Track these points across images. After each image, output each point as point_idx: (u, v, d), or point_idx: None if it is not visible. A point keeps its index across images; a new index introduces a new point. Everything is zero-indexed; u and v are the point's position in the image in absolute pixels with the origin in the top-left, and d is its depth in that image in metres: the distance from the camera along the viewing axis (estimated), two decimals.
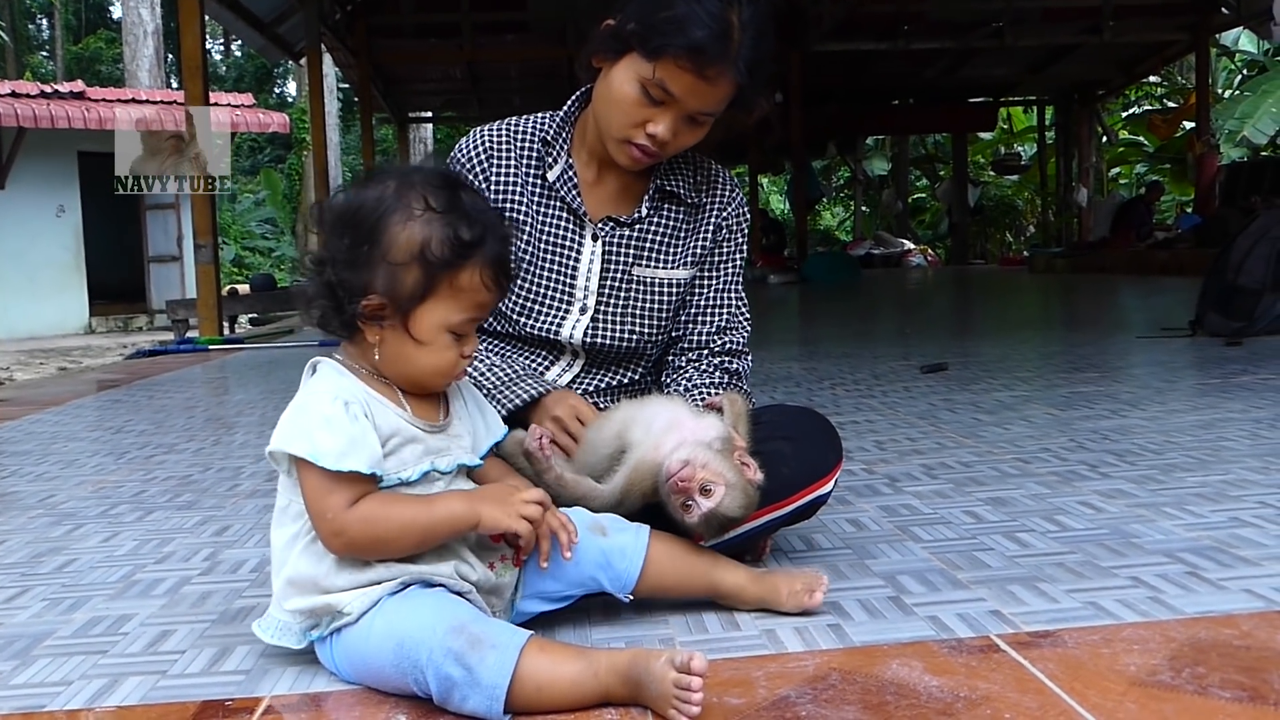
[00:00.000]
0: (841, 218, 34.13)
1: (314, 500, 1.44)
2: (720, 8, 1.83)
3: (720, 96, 1.88)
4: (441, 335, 1.49)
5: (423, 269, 1.45)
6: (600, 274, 2.04)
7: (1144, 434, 3.09)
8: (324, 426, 1.43)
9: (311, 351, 7.11)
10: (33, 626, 1.81)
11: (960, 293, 13.83)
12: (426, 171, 1.53)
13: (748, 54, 1.85)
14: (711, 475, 1.64)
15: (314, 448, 1.41)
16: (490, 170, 2.04)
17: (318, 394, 1.47)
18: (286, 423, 1.45)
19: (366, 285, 1.45)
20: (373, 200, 1.48)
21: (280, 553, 1.52)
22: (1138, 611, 1.62)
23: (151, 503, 2.75)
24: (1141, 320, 7.75)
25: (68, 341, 17.00)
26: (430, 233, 1.46)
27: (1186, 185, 22.82)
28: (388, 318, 1.47)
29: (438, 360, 1.51)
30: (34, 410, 4.69)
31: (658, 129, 1.88)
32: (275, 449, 1.45)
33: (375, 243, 1.45)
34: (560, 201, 2.04)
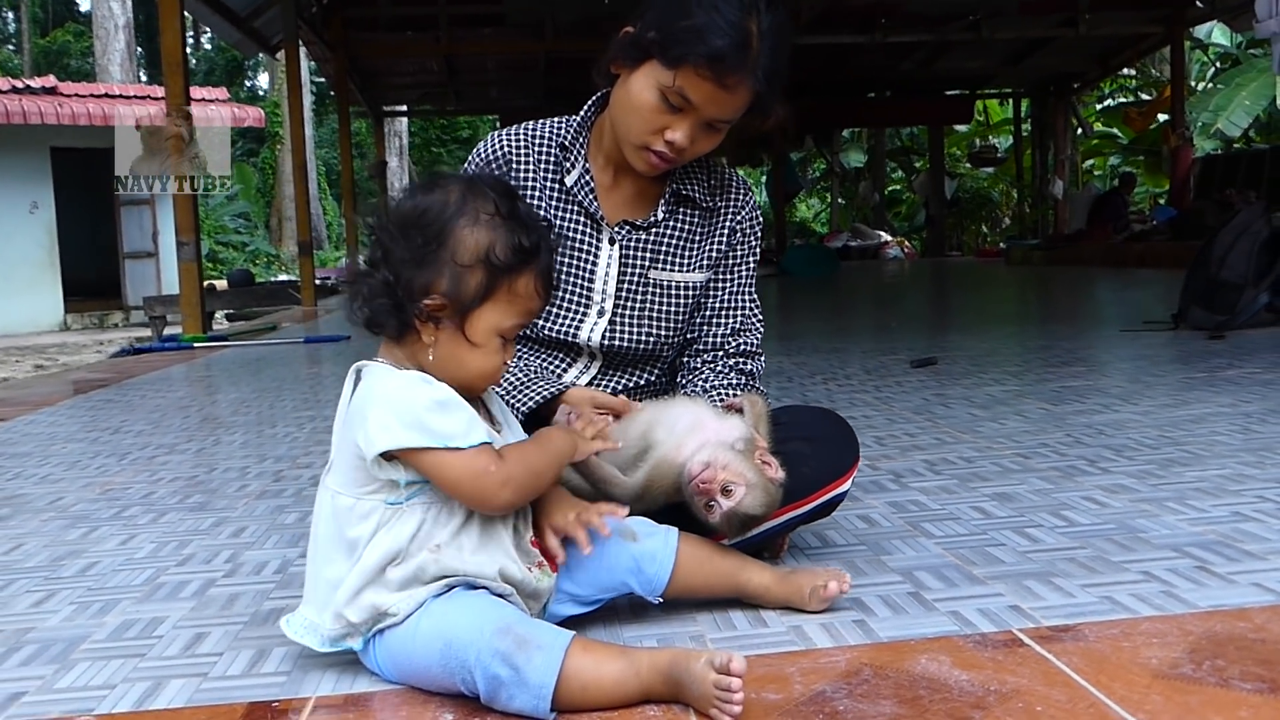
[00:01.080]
0: (818, 209, 34.25)
1: (463, 471, 1.47)
2: (739, 16, 1.86)
3: (738, 104, 1.92)
4: (493, 339, 1.54)
5: (486, 272, 1.50)
6: (617, 277, 2.08)
7: (1138, 428, 3.15)
8: (440, 411, 1.46)
9: (297, 349, 7.13)
10: (66, 630, 1.84)
11: (940, 286, 13.93)
12: (489, 179, 1.58)
13: (766, 62, 1.89)
14: (733, 476, 1.69)
15: (438, 434, 1.45)
16: (510, 175, 2.07)
17: (406, 382, 1.49)
18: (387, 418, 1.45)
19: (429, 285, 1.49)
20: (440, 204, 1.52)
21: (360, 548, 1.51)
22: (1152, 605, 1.67)
23: (162, 504, 2.77)
24: (1122, 314, 7.84)
25: (43, 339, 16.90)
26: (495, 237, 1.51)
27: (1161, 176, 23.03)
28: (446, 318, 1.51)
29: (486, 363, 1.55)
30: (26, 411, 4.69)
31: (676, 136, 1.91)
32: (393, 447, 1.45)
33: (443, 243, 1.50)
34: (578, 206, 2.07)
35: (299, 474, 3.09)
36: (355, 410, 1.52)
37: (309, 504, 2.66)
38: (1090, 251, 16.01)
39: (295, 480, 2.99)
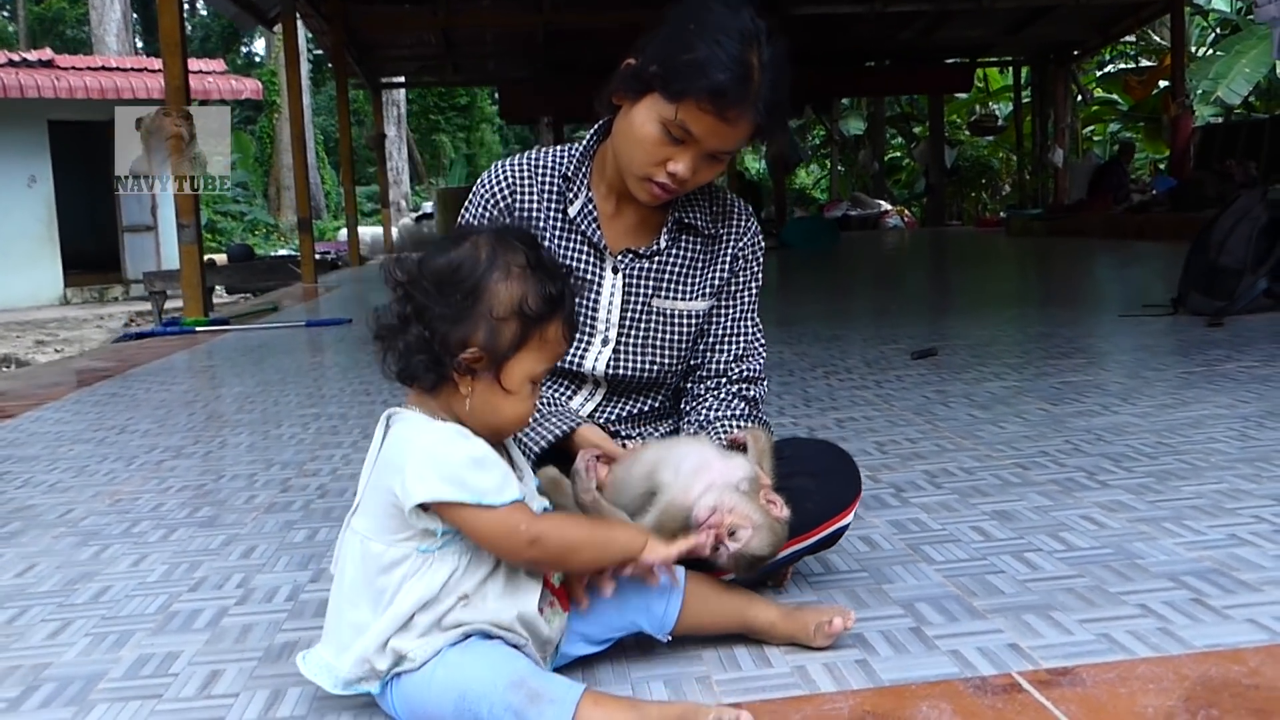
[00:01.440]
0: (818, 176, 34.16)
1: (496, 528, 1.50)
2: (740, 50, 1.88)
3: (740, 136, 1.94)
4: (526, 385, 1.58)
5: (520, 323, 1.54)
6: (621, 306, 2.10)
7: (1136, 433, 3.18)
8: (476, 467, 1.50)
9: (298, 334, 7.15)
10: (83, 666, 1.87)
11: (939, 262, 13.93)
12: (513, 229, 1.63)
13: (767, 95, 1.90)
14: (739, 518, 1.72)
15: (473, 489, 1.48)
16: (514, 205, 2.09)
17: (444, 436, 1.52)
18: (425, 470, 1.49)
19: (467, 339, 1.53)
20: (472, 259, 1.55)
21: (389, 594, 1.54)
22: (1149, 645, 1.70)
23: (172, 519, 2.80)
24: (1121, 294, 7.87)
25: (43, 314, 16.91)
26: (527, 289, 1.54)
27: (1160, 143, 22.98)
28: (482, 370, 1.54)
29: (520, 409, 1.59)
30: (31, 406, 4.72)
31: (678, 168, 1.93)
32: (430, 500, 1.49)
33: (479, 298, 1.53)
34: (581, 235, 2.09)
35: (306, 483, 3.12)
36: (390, 459, 1.54)
37: (317, 520, 2.72)
38: (1090, 222, 16.00)
39: (302, 491, 3.02)
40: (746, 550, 1.71)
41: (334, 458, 3.45)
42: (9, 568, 2.46)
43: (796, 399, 4.07)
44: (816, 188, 33.54)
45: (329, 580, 2.19)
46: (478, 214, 2.11)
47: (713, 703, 1.58)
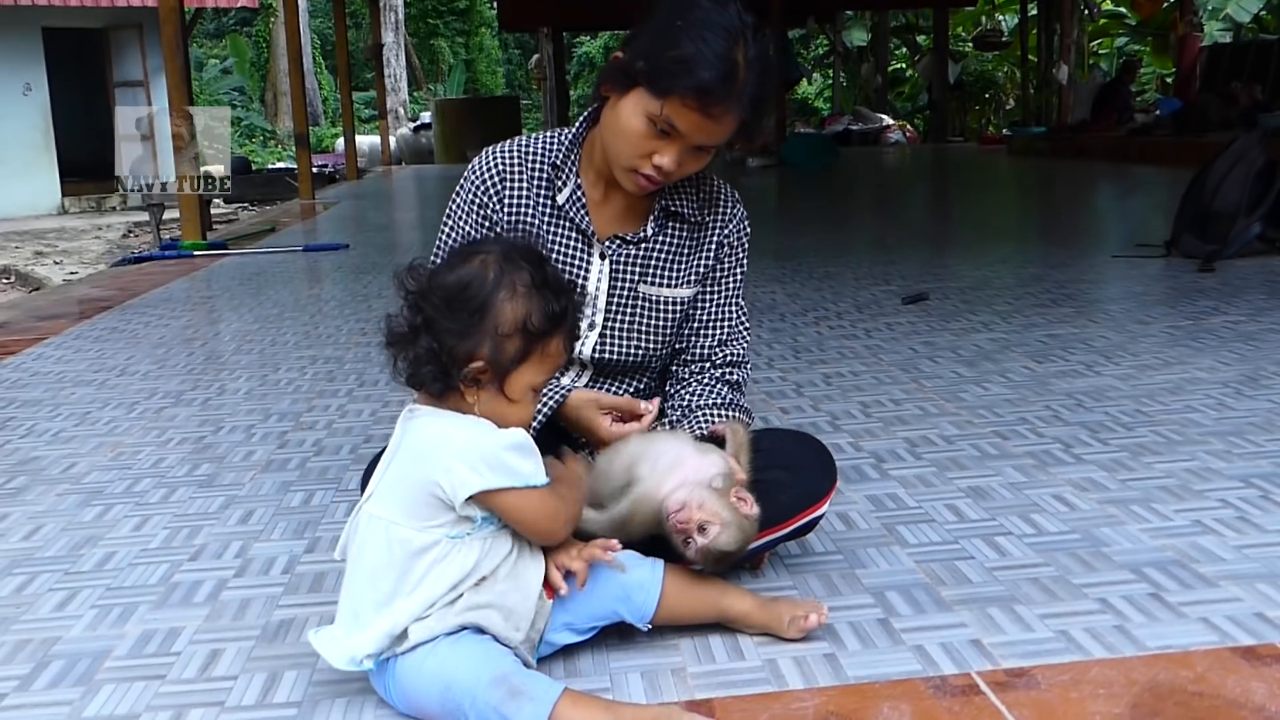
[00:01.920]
0: (820, 87, 33.81)
1: (540, 510, 1.66)
2: (726, 48, 1.91)
3: (724, 131, 1.98)
4: (528, 393, 1.68)
5: (523, 338, 1.64)
6: (608, 291, 2.15)
7: (1116, 399, 3.25)
8: (518, 453, 1.63)
9: (296, 261, 7.19)
10: (89, 642, 1.96)
11: (939, 186, 13.91)
12: (520, 247, 1.70)
13: (751, 91, 1.94)
14: (708, 515, 1.80)
15: (522, 475, 1.62)
16: (504, 192, 2.14)
17: (478, 430, 1.63)
18: (478, 462, 1.59)
19: (473, 353, 1.62)
20: (480, 277, 1.64)
21: (415, 579, 1.62)
22: (1104, 645, 1.79)
23: (172, 476, 2.88)
24: (1118, 229, 7.90)
25: (41, 223, 16.89)
26: (531, 307, 1.64)
27: (1167, 59, 22.75)
28: (487, 381, 1.63)
29: (523, 414, 1.69)
30: (32, 341, 4.78)
31: (663, 160, 1.97)
32: (487, 488, 1.59)
33: (485, 315, 1.62)
34: (569, 222, 2.14)
35: (303, 437, 3.19)
36: (424, 452, 1.63)
37: (313, 480, 2.81)
38: (1093, 144, 15.90)
39: (299, 448, 3.10)
40: (714, 546, 1.80)
41: (330, 408, 3.52)
42: (17, 529, 2.54)
43: (786, 349, 4.13)
44: (819, 98, 33.23)
45: (323, 552, 2.32)
46: (468, 199, 2.15)
47: (684, 699, 1.67)
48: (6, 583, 2.24)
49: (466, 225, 2.15)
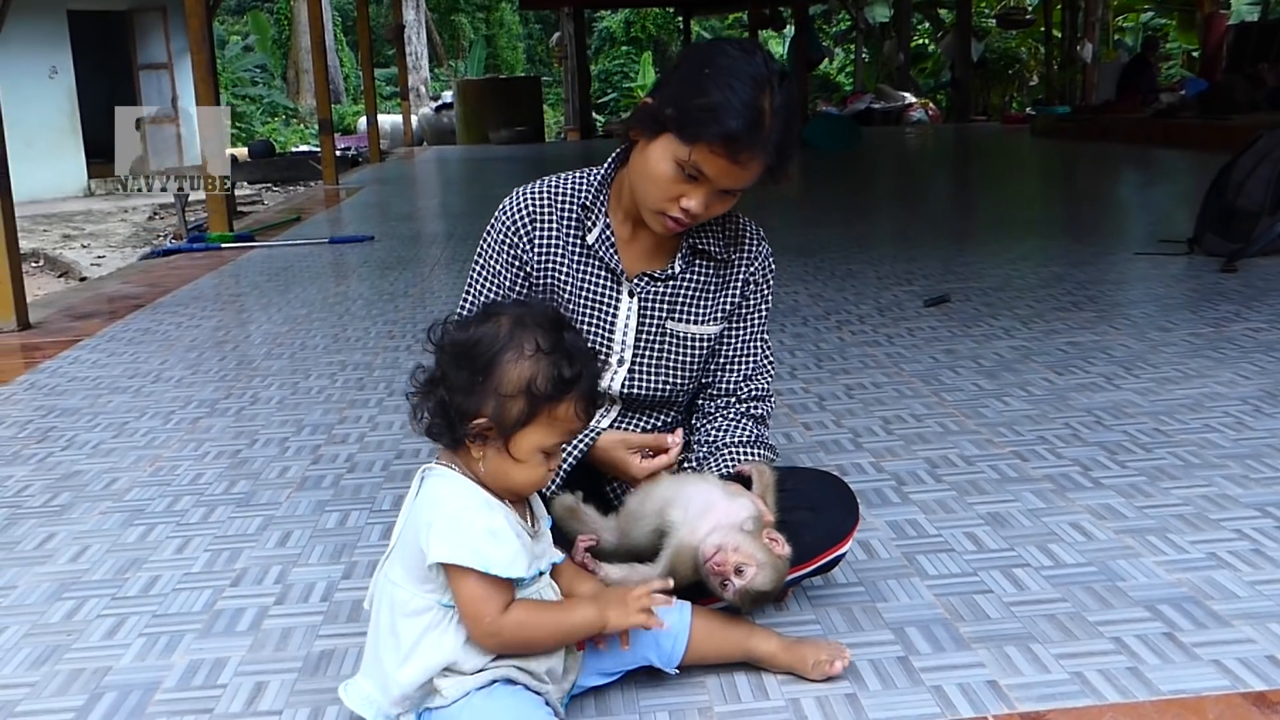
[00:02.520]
0: (842, 63, 33.66)
1: (471, 604, 1.64)
2: (753, 96, 1.96)
3: (750, 176, 2.04)
4: (536, 455, 1.69)
5: (527, 401, 1.65)
6: (636, 328, 2.21)
7: (1135, 416, 3.29)
8: (491, 539, 1.63)
9: (322, 254, 7.27)
10: (139, 673, 2.04)
11: (961, 172, 13.86)
12: (537, 311, 1.72)
13: (777, 138, 2.00)
14: (744, 557, 1.87)
15: (485, 559, 1.62)
16: (534, 234, 2.19)
17: (470, 504, 1.66)
18: (448, 534, 1.62)
19: (477, 410, 1.66)
20: (490, 336, 1.68)
21: (408, 645, 1.67)
22: (1118, 688, 1.85)
23: (211, 494, 2.97)
24: (1141, 222, 7.91)
25: (68, 205, 17.01)
26: (537, 370, 1.65)
27: (1193, 34, 22.57)
28: (492, 439, 1.67)
29: (531, 475, 1.71)
30: (66, 344, 4.88)
31: (691, 204, 2.03)
32: (446, 561, 1.62)
33: (489, 375, 1.65)
34: (599, 261, 2.19)
35: (335, 452, 3.27)
36: (422, 516, 1.67)
37: (347, 499, 2.88)
38: (1117, 125, 15.82)
39: (332, 463, 3.18)
40: (751, 587, 1.87)
41: (360, 419, 3.60)
42: (64, 550, 2.63)
43: (809, 357, 4.18)
44: (841, 74, 33.08)
45: (359, 578, 2.39)
46: (498, 239, 2.21)
47: None
48: (57, 608, 2.33)
49: (497, 265, 2.21)
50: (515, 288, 2.20)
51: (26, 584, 2.45)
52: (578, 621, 1.72)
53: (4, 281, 5.24)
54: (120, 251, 13.21)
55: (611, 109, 34.01)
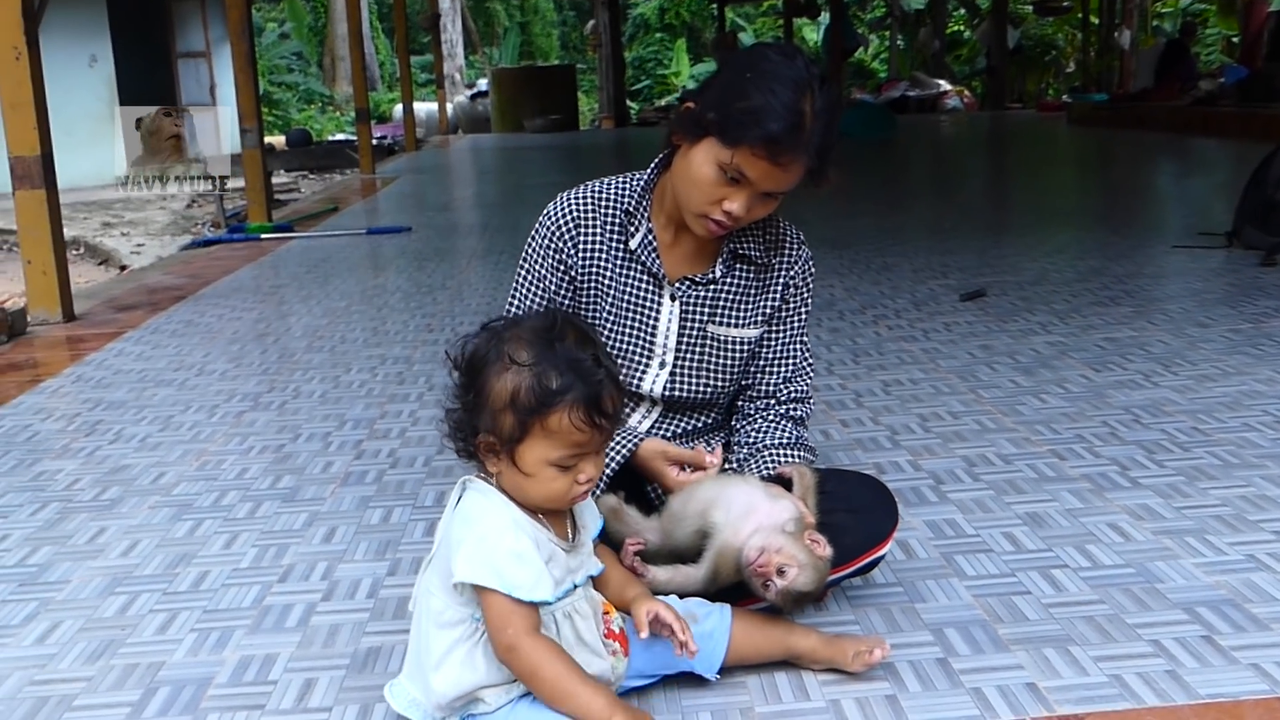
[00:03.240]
0: (877, 49, 33.49)
1: (498, 619, 1.65)
2: (794, 99, 1.98)
3: (792, 179, 2.06)
4: (545, 469, 1.68)
5: (514, 414, 1.65)
6: (678, 332, 2.24)
7: (1173, 414, 3.29)
8: (515, 561, 1.64)
9: (359, 245, 7.34)
10: (192, 668, 2.09)
11: (997, 160, 13.78)
12: (528, 323, 1.72)
13: (818, 141, 2.02)
14: (786, 558, 1.89)
15: (506, 581, 1.63)
16: (578, 238, 2.23)
17: (498, 526, 1.67)
18: (473, 554, 1.64)
19: (479, 426, 1.69)
20: (482, 350, 1.70)
21: (438, 655, 1.71)
22: (1156, 691, 1.86)
23: (256, 489, 3.02)
24: (1179, 214, 7.85)
25: (107, 194, 17.18)
26: (519, 383, 1.65)
27: (1233, 20, 22.32)
28: (499, 453, 1.69)
29: (546, 490, 1.71)
30: (110, 336, 4.95)
31: (733, 206, 2.06)
32: (468, 581, 1.64)
33: (480, 390, 1.68)
34: (641, 266, 2.22)
35: (378, 447, 3.32)
36: (455, 531, 1.70)
37: (390, 495, 2.93)
38: (1155, 113, 15.68)
39: (375, 458, 3.22)
40: (793, 587, 1.90)
41: (401, 414, 3.64)
42: (115, 544, 2.69)
43: (845, 352, 4.19)
44: (876, 61, 32.92)
45: (404, 574, 2.44)
46: (543, 244, 2.25)
47: None
48: (110, 602, 2.38)
49: (542, 269, 2.24)
50: (560, 291, 2.23)
51: (80, 578, 2.51)
52: (583, 703, 1.64)
53: (50, 273, 5.33)
54: (159, 239, 13.35)
55: (645, 96, 33.98)
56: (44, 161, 5.25)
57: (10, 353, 4.80)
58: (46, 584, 2.49)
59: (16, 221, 5.35)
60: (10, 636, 2.25)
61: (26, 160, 5.24)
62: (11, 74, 5.14)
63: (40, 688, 2.05)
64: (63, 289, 5.38)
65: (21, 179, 5.24)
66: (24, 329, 5.19)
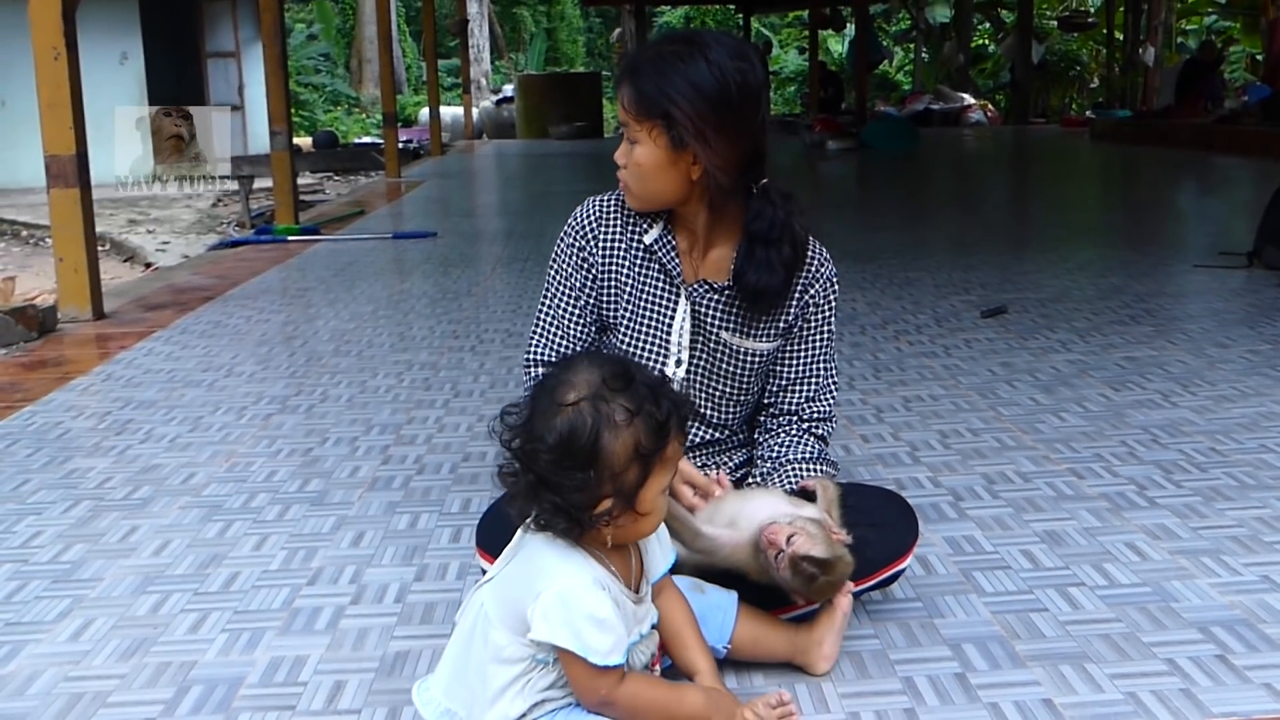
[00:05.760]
0: (901, 62, 33.49)
1: (585, 681, 1.66)
2: (645, 48, 2.23)
3: (630, 116, 2.17)
4: (659, 499, 1.72)
5: (640, 464, 1.66)
6: (691, 333, 2.28)
7: (1191, 434, 3.32)
8: (596, 627, 1.63)
9: (385, 250, 7.40)
10: (223, 668, 2.14)
11: (1020, 176, 13.78)
12: (607, 373, 1.69)
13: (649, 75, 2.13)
14: (795, 529, 1.94)
15: (586, 646, 1.62)
16: (600, 234, 2.29)
17: (580, 585, 1.66)
18: (553, 612, 1.63)
19: (598, 499, 1.66)
20: (579, 429, 1.64)
21: (495, 690, 1.71)
22: (1170, 709, 1.89)
23: (285, 492, 3.07)
24: (1200, 232, 7.86)
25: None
26: (638, 434, 1.65)
27: (1257, 39, 22.25)
28: (618, 513, 1.68)
29: (657, 520, 1.76)
30: (140, 335, 5.02)
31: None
32: (547, 641, 1.63)
33: (597, 463, 1.64)
34: (658, 264, 2.26)
35: (404, 453, 3.37)
36: (530, 576, 1.69)
37: (417, 501, 2.97)
38: (1178, 130, 15.66)
39: (401, 464, 3.27)
40: (799, 551, 1.91)
41: (428, 420, 3.69)
42: (146, 544, 2.74)
43: (866, 367, 4.23)
44: (900, 73, 32.92)
45: (431, 580, 2.49)
46: (569, 245, 2.31)
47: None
48: (142, 601, 2.44)
49: (569, 269, 2.30)
50: (586, 289, 2.28)
51: (113, 576, 2.57)
52: (685, 712, 1.74)
53: (81, 271, 5.41)
54: (184, 238, 13.46)
55: None
56: (79, 161, 5.33)
57: (41, 349, 4.88)
58: (79, 581, 2.54)
59: (50, 219, 5.43)
60: (44, 633, 2.31)
61: (62, 159, 5.32)
62: (50, 74, 5.22)
63: (74, 684, 2.10)
64: (93, 287, 5.46)
65: (56, 178, 5.33)
66: (54, 326, 5.27)
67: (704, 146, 2.08)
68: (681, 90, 2.06)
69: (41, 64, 5.22)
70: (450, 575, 2.53)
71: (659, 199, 2.19)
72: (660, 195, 2.17)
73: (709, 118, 2.06)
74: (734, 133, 2.09)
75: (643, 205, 2.22)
